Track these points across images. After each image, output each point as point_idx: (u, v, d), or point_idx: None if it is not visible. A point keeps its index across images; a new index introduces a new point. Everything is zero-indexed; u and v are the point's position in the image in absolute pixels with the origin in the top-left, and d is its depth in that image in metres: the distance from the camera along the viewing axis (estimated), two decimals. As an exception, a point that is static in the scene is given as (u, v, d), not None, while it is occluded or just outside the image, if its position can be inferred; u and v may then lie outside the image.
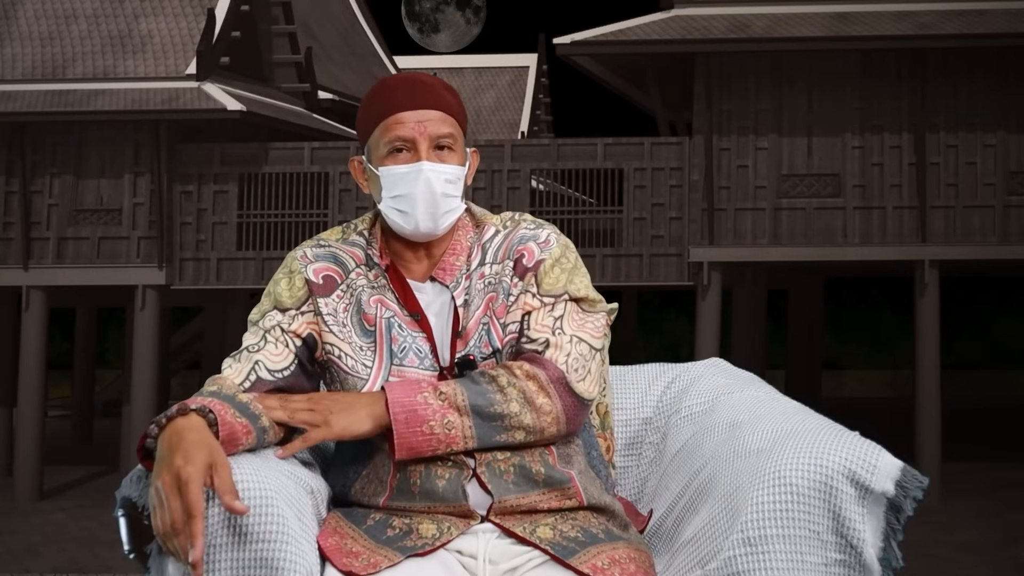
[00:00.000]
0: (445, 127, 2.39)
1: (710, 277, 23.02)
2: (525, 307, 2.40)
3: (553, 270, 2.42)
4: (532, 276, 2.42)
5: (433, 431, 2.28)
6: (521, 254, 2.43)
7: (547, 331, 2.38)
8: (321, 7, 34.21)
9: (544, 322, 2.39)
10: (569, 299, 2.41)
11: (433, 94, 2.40)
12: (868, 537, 2.17)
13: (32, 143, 24.69)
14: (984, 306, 45.51)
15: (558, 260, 2.43)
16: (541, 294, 2.41)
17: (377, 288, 2.42)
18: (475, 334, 2.38)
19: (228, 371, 2.35)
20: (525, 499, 2.31)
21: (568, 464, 2.37)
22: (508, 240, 2.46)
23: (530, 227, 2.47)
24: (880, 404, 36.11)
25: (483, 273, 2.43)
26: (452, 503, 2.30)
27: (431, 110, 2.39)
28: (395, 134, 2.38)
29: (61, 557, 20.39)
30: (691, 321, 26.41)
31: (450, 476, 2.31)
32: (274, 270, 24.21)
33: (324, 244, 2.47)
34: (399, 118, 2.38)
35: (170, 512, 2.05)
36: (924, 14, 22.81)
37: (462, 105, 2.46)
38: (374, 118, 2.41)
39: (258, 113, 23.86)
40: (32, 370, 24.54)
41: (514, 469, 2.32)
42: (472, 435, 2.29)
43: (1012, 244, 22.57)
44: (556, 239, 2.45)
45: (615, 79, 25.37)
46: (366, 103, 2.43)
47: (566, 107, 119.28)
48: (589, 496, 2.36)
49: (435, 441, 2.28)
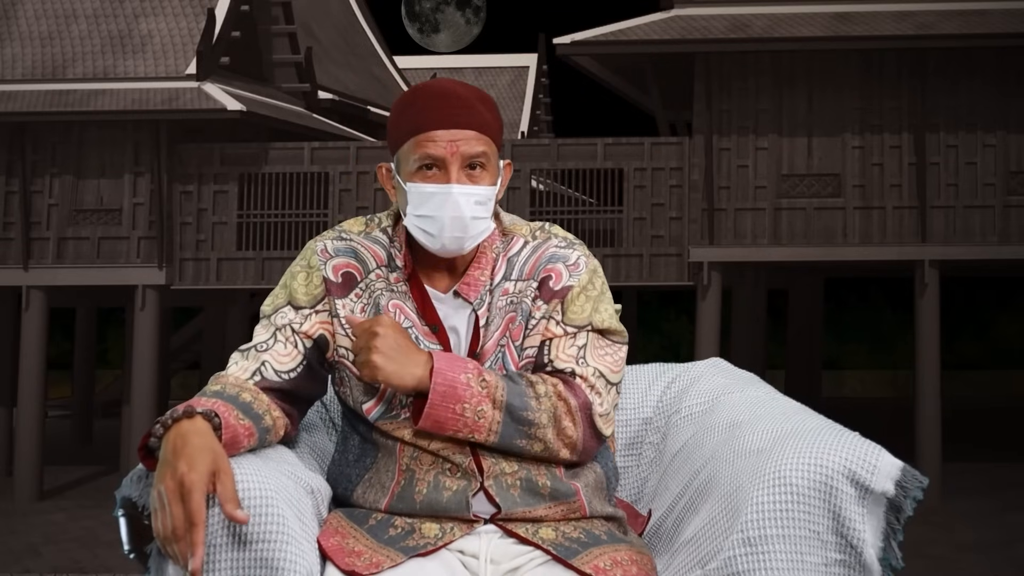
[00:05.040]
0: (479, 146, 2.31)
1: (710, 277, 23.02)
2: (546, 334, 2.36)
3: (579, 298, 2.37)
4: (558, 303, 2.37)
5: (464, 414, 2.25)
6: (549, 275, 2.37)
7: (572, 361, 2.34)
8: (321, 7, 34.21)
9: (568, 352, 2.35)
10: (592, 330, 2.37)
11: (468, 111, 2.31)
12: (868, 537, 2.17)
13: (32, 143, 24.69)
14: (984, 306, 45.50)
15: (585, 288, 2.38)
16: (565, 323, 2.36)
17: (397, 293, 2.37)
18: (492, 355, 2.35)
19: (234, 367, 2.33)
20: (531, 512, 2.31)
21: (575, 478, 2.36)
22: (536, 257, 2.39)
23: (560, 245, 2.40)
24: (880, 404, 36.10)
25: (506, 289, 2.37)
26: (455, 514, 2.29)
27: (465, 129, 2.31)
28: (425, 151, 2.30)
29: (61, 557, 20.39)
30: (691, 321, 26.41)
31: (457, 488, 2.29)
32: (274, 270, 24.20)
33: (346, 237, 2.41)
34: (431, 136, 2.30)
35: (172, 518, 2.05)
36: (924, 14, 22.81)
37: (499, 118, 2.38)
38: (405, 131, 2.33)
39: (258, 113, 23.86)
40: (32, 370, 24.54)
41: (520, 483, 2.31)
42: (496, 431, 2.27)
43: (1012, 244, 22.57)
44: (585, 263, 2.39)
45: (615, 79, 25.37)
46: (398, 112, 2.35)
47: (566, 107, 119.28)
48: (592, 509, 2.35)
49: (461, 424, 2.26)
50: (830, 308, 43.58)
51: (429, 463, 2.31)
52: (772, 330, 33.89)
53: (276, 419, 2.31)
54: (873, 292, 46.37)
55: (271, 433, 2.29)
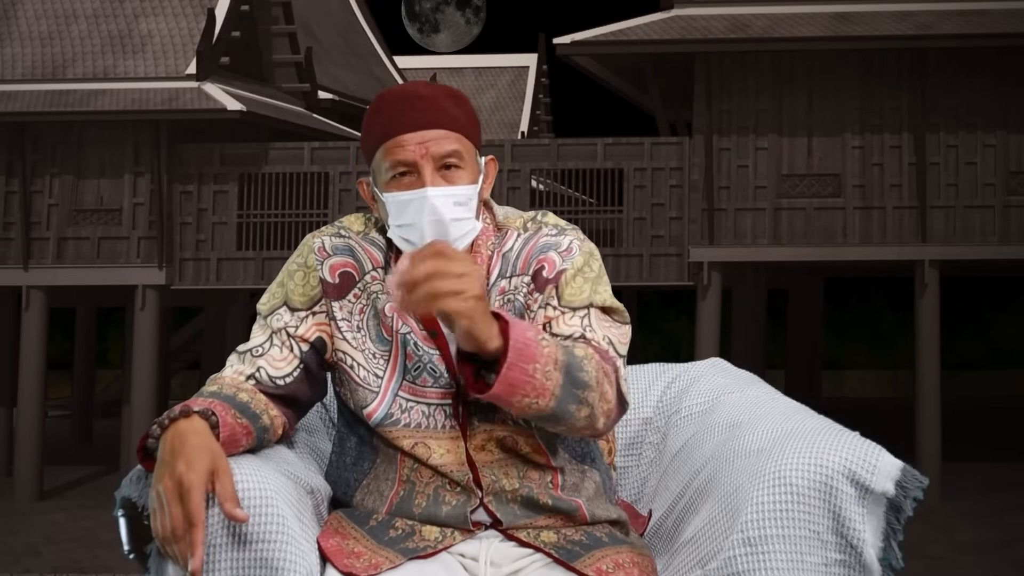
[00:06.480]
0: (449, 144, 2.22)
1: (710, 277, 23.02)
2: (544, 319, 2.28)
3: (575, 280, 2.29)
4: (552, 288, 2.28)
5: (535, 375, 2.09)
6: (541, 265, 2.30)
7: (578, 328, 2.25)
8: (321, 7, 34.21)
9: (571, 322, 2.26)
10: (593, 307, 2.29)
11: (434, 109, 2.23)
12: (868, 537, 2.17)
13: (32, 143, 24.69)
14: (984, 306, 45.52)
15: (580, 270, 2.29)
16: (562, 306, 2.28)
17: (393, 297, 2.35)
18: None
19: (229, 371, 2.31)
20: (533, 524, 2.29)
21: (575, 493, 2.32)
22: (528, 249, 2.32)
23: (551, 233, 2.32)
24: (880, 404, 36.11)
25: (502, 288, 2.30)
26: (455, 524, 2.27)
27: (433, 129, 2.23)
28: (395, 158, 2.22)
29: (61, 557, 20.39)
30: (691, 321, 26.41)
31: (456, 503, 2.27)
32: (274, 270, 24.20)
33: (345, 234, 2.35)
34: (399, 141, 2.22)
35: (171, 518, 2.04)
36: (924, 14, 22.81)
37: (470, 113, 2.28)
38: (375, 140, 2.26)
39: (258, 113, 23.86)
40: (32, 370, 24.54)
41: (521, 499, 2.28)
42: (557, 394, 2.12)
43: (1012, 244, 22.57)
44: (579, 246, 2.31)
45: (615, 79, 25.37)
46: (366, 123, 2.28)
47: (566, 107, 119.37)
48: (595, 517, 2.33)
49: (530, 386, 2.09)
50: (830, 308, 43.62)
51: (428, 476, 2.28)
52: (772, 330, 33.90)
53: (274, 418, 2.29)
54: (873, 292, 46.40)
55: (269, 432, 2.28)
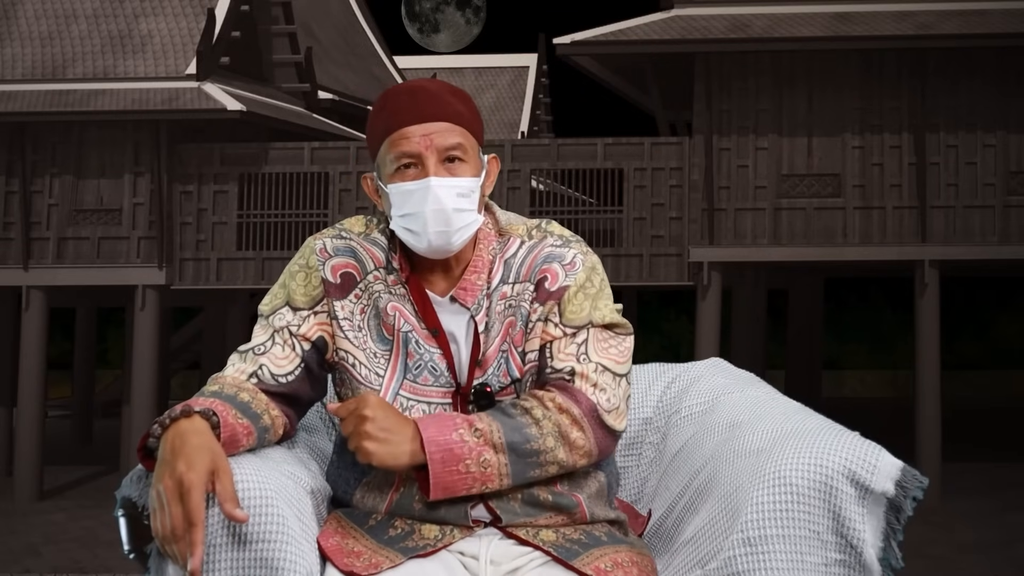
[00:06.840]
0: (453, 137, 2.27)
1: (710, 277, 23.02)
2: (545, 336, 2.31)
3: (576, 297, 2.32)
4: (555, 305, 2.32)
5: (469, 470, 2.20)
6: (544, 276, 2.32)
7: (572, 359, 2.29)
8: (321, 7, 34.21)
9: (568, 350, 2.30)
10: (592, 326, 2.32)
11: (439, 103, 2.28)
12: (868, 537, 2.17)
13: (32, 143, 24.70)
14: (984, 306, 45.51)
15: (582, 286, 2.32)
16: (563, 324, 2.31)
17: (395, 296, 2.33)
18: (494, 362, 2.31)
19: (231, 370, 2.31)
20: (533, 522, 2.30)
21: (577, 489, 2.33)
22: (532, 257, 2.34)
23: (556, 244, 2.35)
24: (880, 404, 36.11)
25: (504, 293, 2.32)
26: (454, 521, 2.28)
27: (437, 121, 2.27)
28: (400, 150, 2.26)
29: (61, 557, 20.39)
30: (691, 321, 26.42)
31: (456, 500, 2.28)
32: (274, 270, 24.21)
33: (346, 236, 2.37)
34: (404, 133, 2.27)
35: (171, 518, 2.04)
36: (924, 14, 22.82)
37: (474, 110, 2.32)
38: (380, 134, 2.30)
39: (258, 113, 23.87)
40: (32, 370, 24.54)
41: (522, 496, 2.29)
42: (507, 472, 2.22)
43: (1012, 244, 22.58)
44: (582, 261, 2.34)
45: (615, 79, 25.38)
46: (371, 118, 2.32)
47: (566, 107, 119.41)
48: (594, 516, 2.34)
49: (470, 480, 2.21)
50: (830, 308, 43.61)
51: None
52: (772, 330, 33.91)
53: (275, 418, 2.29)
54: (873, 292, 46.39)
55: (270, 432, 2.28)
